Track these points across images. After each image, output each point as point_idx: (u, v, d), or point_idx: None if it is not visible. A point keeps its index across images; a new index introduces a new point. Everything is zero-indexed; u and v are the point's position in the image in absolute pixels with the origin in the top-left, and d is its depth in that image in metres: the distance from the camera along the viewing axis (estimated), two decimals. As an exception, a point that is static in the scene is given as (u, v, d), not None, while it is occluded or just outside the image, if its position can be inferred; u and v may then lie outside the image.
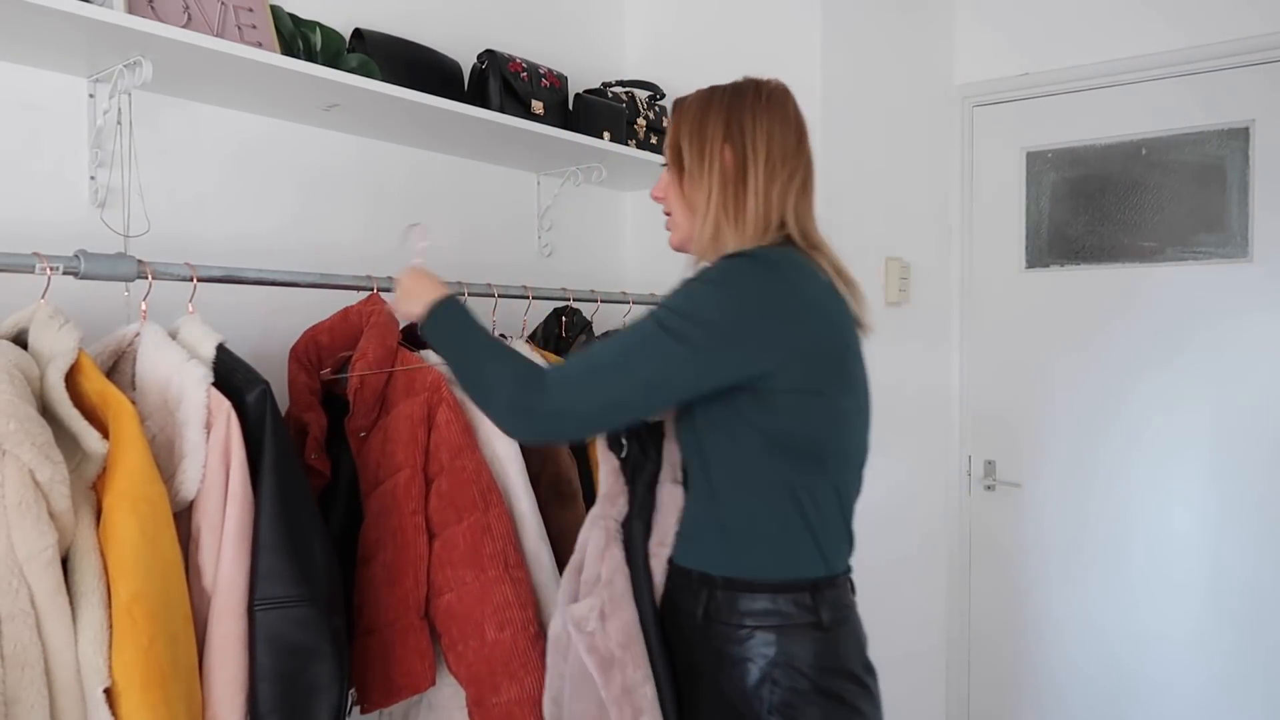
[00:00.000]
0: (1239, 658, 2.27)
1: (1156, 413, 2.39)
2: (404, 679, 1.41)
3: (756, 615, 1.17)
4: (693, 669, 1.23)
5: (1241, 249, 2.28)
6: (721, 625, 1.18)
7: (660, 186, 1.34)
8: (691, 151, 1.27)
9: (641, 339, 1.15)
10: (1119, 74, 2.42)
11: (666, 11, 2.48)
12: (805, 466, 1.18)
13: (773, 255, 1.19)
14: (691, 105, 1.30)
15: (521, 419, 1.18)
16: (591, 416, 1.18)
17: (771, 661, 1.15)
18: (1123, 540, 2.44)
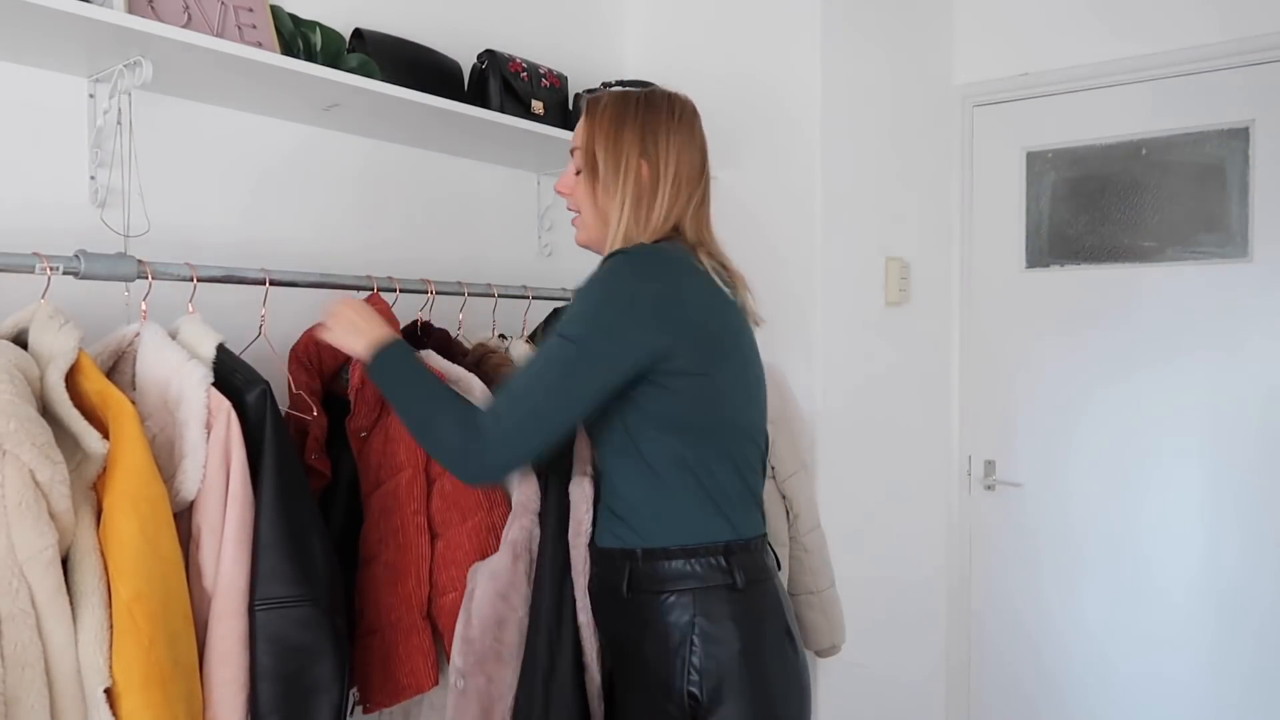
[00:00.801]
0: (1240, 654, 2.27)
1: (1156, 412, 2.39)
2: (407, 679, 1.42)
3: (674, 579, 1.26)
4: (621, 641, 1.33)
5: (1241, 249, 2.28)
6: (644, 595, 1.28)
7: (566, 184, 1.41)
8: (608, 161, 1.33)
9: (548, 358, 1.24)
10: (1119, 74, 2.42)
11: (666, 12, 2.48)
12: (697, 441, 1.28)
13: (648, 250, 1.30)
14: (607, 112, 1.35)
15: (472, 471, 1.26)
16: (532, 446, 1.25)
17: (689, 622, 1.24)
18: (1122, 540, 2.44)
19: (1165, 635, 2.37)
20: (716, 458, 1.29)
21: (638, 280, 1.26)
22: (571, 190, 1.41)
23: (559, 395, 1.22)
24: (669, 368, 1.25)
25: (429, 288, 1.67)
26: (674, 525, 1.28)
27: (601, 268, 1.30)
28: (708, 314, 1.30)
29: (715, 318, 1.31)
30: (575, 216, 1.42)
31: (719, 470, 1.29)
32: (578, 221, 1.42)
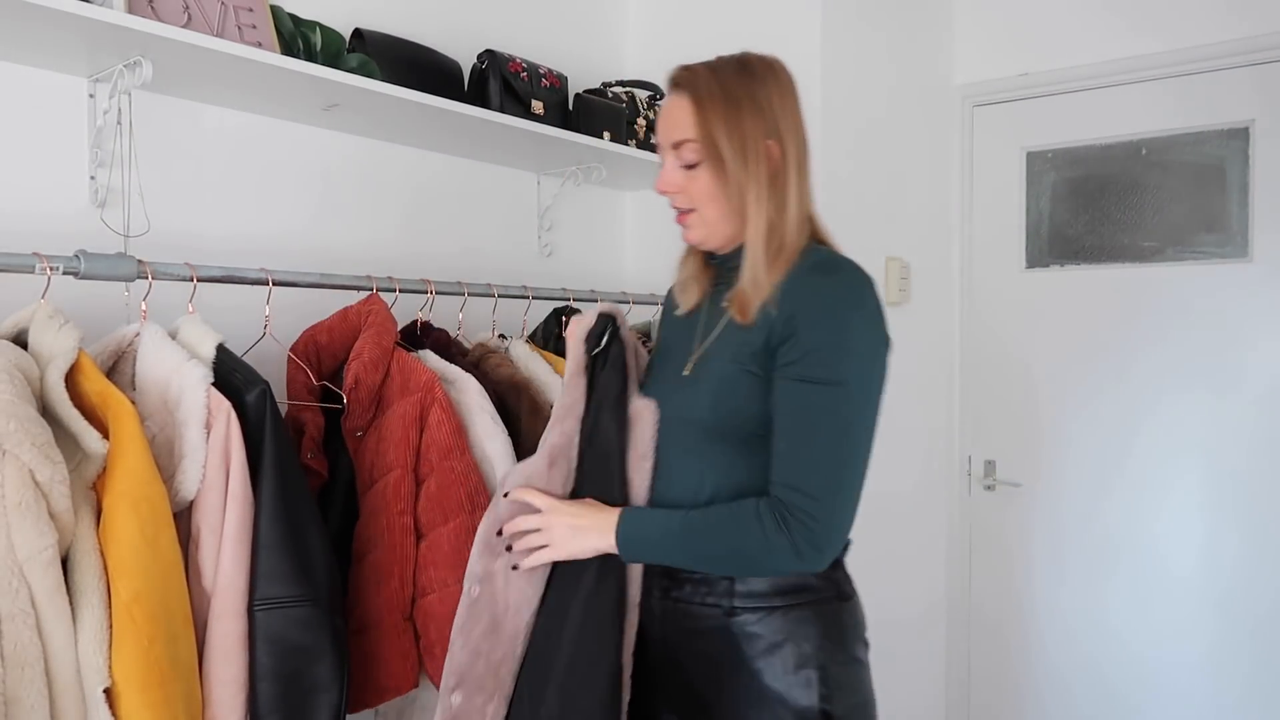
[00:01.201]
0: (1239, 657, 2.27)
1: (1156, 412, 2.39)
2: (388, 680, 1.41)
3: (786, 594, 1.17)
4: (707, 661, 1.20)
5: (1241, 249, 2.28)
6: (747, 611, 1.17)
7: (674, 181, 1.25)
8: (733, 147, 1.18)
9: (828, 415, 1.11)
10: (1119, 74, 2.42)
11: (666, 11, 2.48)
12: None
13: (855, 265, 1.19)
14: (714, 90, 1.20)
15: (811, 564, 1.13)
16: (853, 509, 1.15)
17: (807, 636, 1.16)
18: (1123, 539, 2.44)
19: (1165, 634, 2.37)
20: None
21: (871, 291, 1.16)
22: (682, 186, 1.24)
23: (855, 448, 1.13)
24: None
25: (429, 288, 1.67)
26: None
27: (837, 281, 1.16)
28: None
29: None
30: (686, 214, 1.26)
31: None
32: (690, 219, 1.26)
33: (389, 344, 1.50)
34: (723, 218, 1.23)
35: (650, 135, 2.28)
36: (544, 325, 1.96)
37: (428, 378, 1.47)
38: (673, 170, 1.25)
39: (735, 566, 1.17)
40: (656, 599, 1.24)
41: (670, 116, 1.24)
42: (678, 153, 1.23)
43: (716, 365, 1.21)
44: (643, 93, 2.33)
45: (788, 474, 1.13)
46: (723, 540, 1.14)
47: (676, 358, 1.29)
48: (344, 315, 1.54)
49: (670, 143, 1.24)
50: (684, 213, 1.26)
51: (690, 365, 1.25)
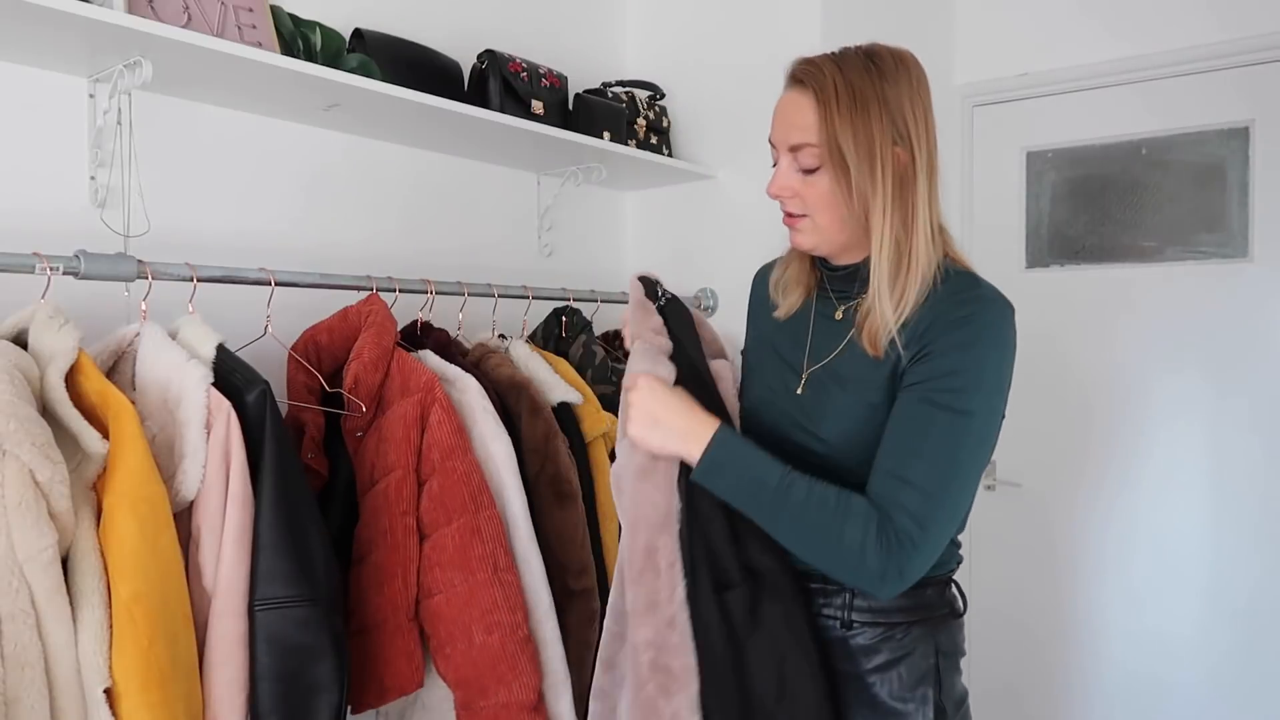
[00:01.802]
0: (1239, 657, 2.27)
1: (1156, 412, 2.39)
2: (392, 680, 1.42)
3: (906, 611, 1.14)
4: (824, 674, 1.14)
5: (1241, 249, 2.28)
6: (865, 626, 1.14)
7: (788, 185, 1.16)
8: (859, 153, 1.09)
9: (951, 441, 1.05)
10: (1119, 74, 2.42)
11: (666, 11, 2.48)
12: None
13: (998, 291, 1.13)
14: (843, 90, 1.10)
15: (892, 588, 1.05)
16: (945, 542, 1.08)
17: (925, 654, 1.13)
18: (1123, 539, 2.44)
19: (1165, 635, 2.37)
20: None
21: (1011, 324, 1.10)
22: (796, 191, 1.15)
23: (969, 481, 1.07)
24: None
25: (429, 288, 1.67)
26: (945, 554, 1.15)
27: (980, 310, 1.09)
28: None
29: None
30: (797, 219, 1.18)
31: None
32: (801, 224, 1.17)
33: (389, 344, 1.50)
34: (839, 226, 1.15)
35: (650, 135, 2.29)
36: (544, 325, 1.96)
37: (428, 378, 1.47)
38: (788, 174, 1.15)
39: (809, 551, 1.08)
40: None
41: (788, 116, 1.14)
42: (795, 156, 1.14)
43: (838, 394, 1.15)
44: (643, 93, 2.33)
45: (895, 491, 1.05)
46: (818, 524, 1.05)
47: (778, 366, 1.23)
48: (344, 315, 1.54)
49: (788, 145, 1.14)
50: (795, 216, 1.17)
51: (802, 384, 1.19)
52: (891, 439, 1.08)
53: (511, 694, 1.40)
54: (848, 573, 1.07)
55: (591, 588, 1.62)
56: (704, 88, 2.40)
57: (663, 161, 2.23)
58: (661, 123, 2.33)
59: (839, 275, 1.22)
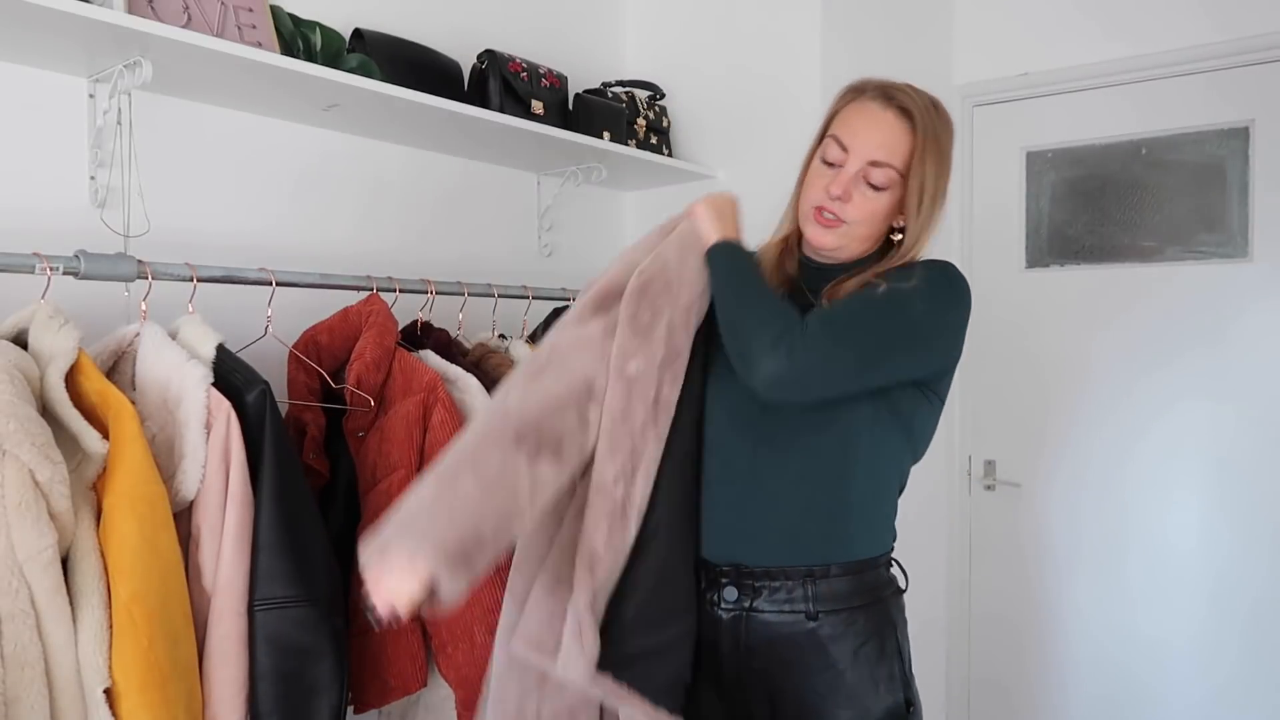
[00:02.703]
0: (1240, 658, 2.27)
1: (1156, 412, 2.39)
2: (395, 680, 1.42)
3: (863, 593, 1.21)
4: (789, 667, 1.19)
5: (1241, 249, 2.28)
6: (828, 614, 1.19)
7: (850, 190, 1.21)
8: (928, 197, 1.22)
9: (887, 300, 1.17)
10: (1119, 74, 2.42)
11: (666, 11, 2.48)
12: (914, 457, 1.29)
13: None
14: (934, 137, 1.22)
15: (778, 366, 1.13)
16: (842, 369, 1.16)
17: (886, 634, 1.21)
18: (1123, 540, 2.44)
19: (1165, 635, 2.37)
20: (907, 472, 1.31)
21: (968, 295, 1.24)
22: (853, 199, 1.22)
23: (886, 337, 1.17)
24: (940, 386, 1.26)
25: (429, 288, 1.67)
26: (881, 535, 1.26)
27: (942, 267, 1.23)
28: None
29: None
30: (836, 222, 1.23)
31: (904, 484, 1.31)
32: (839, 229, 1.23)
33: (391, 344, 1.50)
34: (866, 239, 1.25)
35: (650, 135, 2.29)
36: (544, 325, 1.96)
37: (430, 378, 1.47)
38: (854, 181, 1.21)
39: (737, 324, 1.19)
40: (724, 610, 1.21)
41: (882, 134, 1.21)
42: (869, 169, 1.21)
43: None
44: (643, 93, 2.33)
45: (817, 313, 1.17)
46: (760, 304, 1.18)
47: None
48: (344, 315, 1.54)
49: (870, 158, 1.21)
50: (835, 219, 1.22)
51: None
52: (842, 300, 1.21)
53: None
54: (749, 340, 1.16)
55: (591, 587, 1.62)
56: (704, 88, 2.40)
57: (663, 161, 2.23)
58: (661, 123, 2.33)
59: (824, 270, 1.28)
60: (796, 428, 1.21)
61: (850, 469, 1.21)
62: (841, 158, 1.22)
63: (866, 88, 1.25)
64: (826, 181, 1.23)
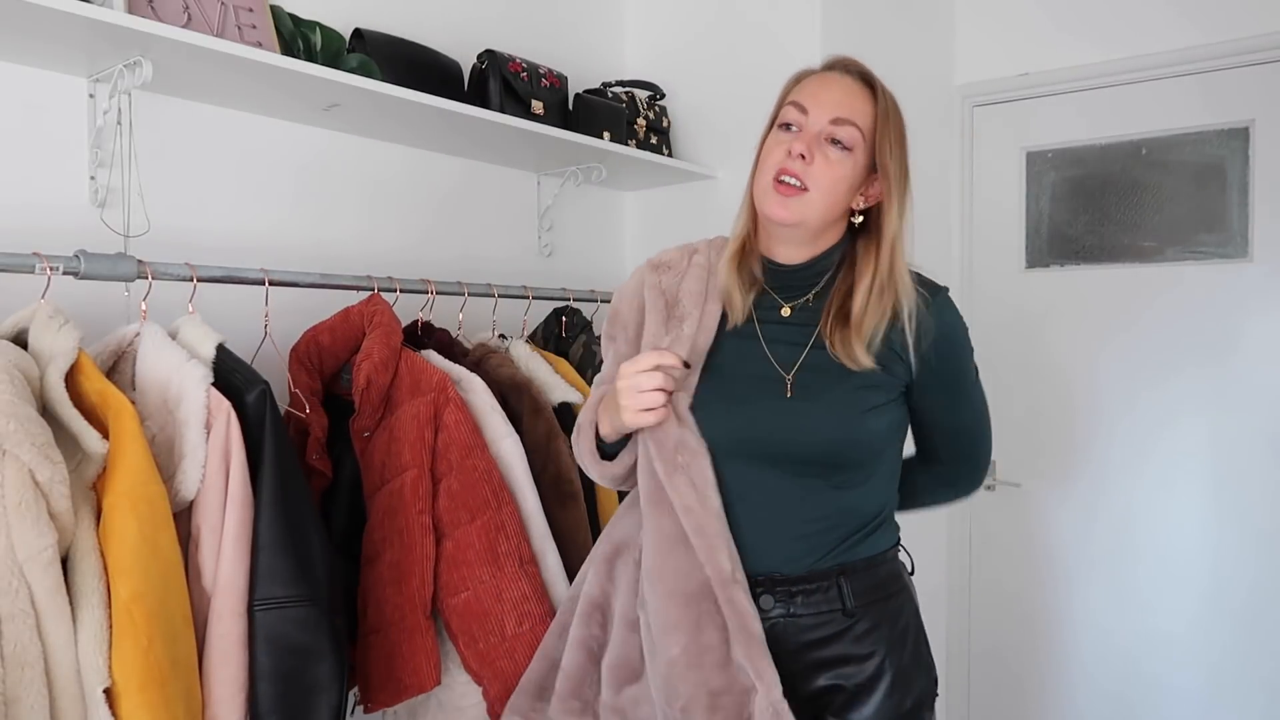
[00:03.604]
0: (1240, 658, 2.27)
1: (1156, 412, 2.39)
2: (410, 678, 1.42)
3: (890, 582, 1.26)
4: (829, 664, 1.20)
5: (1241, 249, 2.28)
6: (863, 608, 1.21)
7: (813, 149, 1.16)
8: (893, 163, 1.18)
9: (981, 399, 1.33)
10: (1119, 74, 2.42)
11: (666, 11, 2.48)
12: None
13: (941, 287, 1.27)
14: (894, 110, 1.20)
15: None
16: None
17: (911, 618, 1.26)
18: (1123, 540, 2.44)
19: (1166, 634, 2.37)
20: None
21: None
22: (814, 161, 1.16)
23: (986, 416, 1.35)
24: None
25: (429, 288, 1.67)
26: (895, 521, 1.32)
27: (954, 305, 1.25)
28: None
29: None
30: (796, 192, 1.16)
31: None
32: (800, 198, 1.16)
33: (397, 344, 1.51)
34: (827, 212, 1.18)
35: (650, 135, 2.28)
36: (544, 325, 1.96)
37: (440, 377, 1.47)
38: (815, 142, 1.16)
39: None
40: (762, 618, 1.17)
41: (842, 94, 1.18)
42: (831, 128, 1.16)
43: (829, 390, 1.19)
44: (643, 93, 2.33)
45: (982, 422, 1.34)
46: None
47: (741, 374, 1.21)
48: (345, 315, 1.54)
49: (832, 116, 1.16)
50: (794, 189, 1.16)
51: (789, 386, 1.19)
52: (952, 420, 1.31)
53: None
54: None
55: (592, 587, 1.62)
56: (704, 88, 2.40)
57: (663, 161, 2.23)
58: (661, 123, 2.33)
59: (789, 273, 1.24)
60: (816, 460, 1.20)
61: (870, 482, 1.23)
62: (801, 119, 1.18)
63: (820, 64, 1.25)
64: (787, 144, 1.17)
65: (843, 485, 1.20)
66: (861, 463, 1.20)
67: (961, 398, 1.29)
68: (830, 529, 1.20)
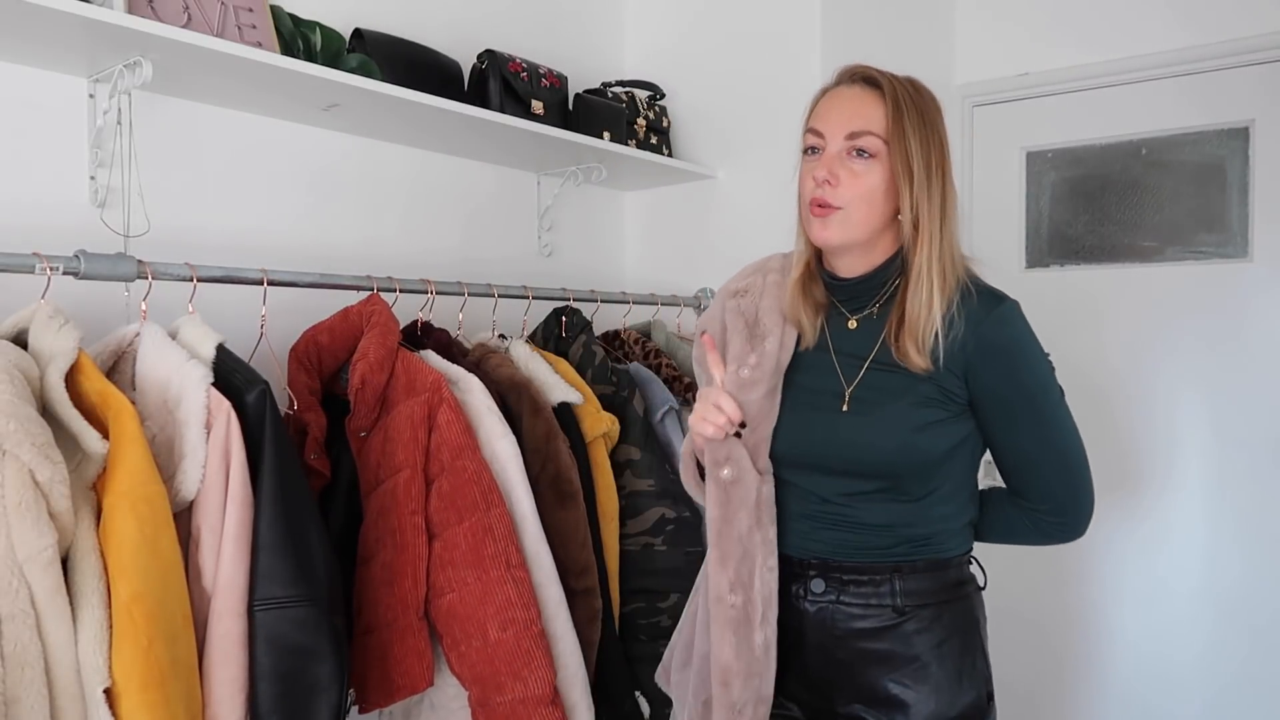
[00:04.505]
0: (1239, 659, 2.27)
1: (1156, 412, 2.39)
2: (402, 679, 1.41)
3: (949, 589, 1.25)
4: (876, 658, 1.21)
5: (1241, 249, 2.28)
6: (916, 609, 1.22)
7: (835, 171, 1.17)
8: (923, 157, 1.16)
9: (1064, 419, 1.31)
10: (1119, 74, 2.42)
11: (666, 11, 2.48)
12: (980, 452, 1.30)
13: (1008, 298, 1.24)
14: (910, 102, 1.17)
15: (1087, 525, 1.30)
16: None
17: (968, 630, 1.26)
18: (1123, 540, 2.44)
19: (1166, 636, 2.37)
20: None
21: (1028, 323, 1.28)
22: (842, 180, 1.17)
23: (1078, 438, 1.31)
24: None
25: (429, 288, 1.67)
26: (966, 531, 1.29)
27: (1020, 316, 1.22)
28: None
29: None
30: (829, 211, 1.18)
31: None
32: (835, 216, 1.18)
33: (394, 344, 1.50)
34: (868, 223, 1.18)
35: (650, 135, 2.28)
36: (544, 325, 1.96)
37: (434, 378, 1.47)
38: (838, 160, 1.18)
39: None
40: (810, 602, 1.23)
41: (853, 106, 1.18)
42: (852, 142, 1.17)
43: (885, 404, 1.20)
44: (643, 93, 2.33)
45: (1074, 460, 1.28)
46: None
47: (808, 390, 1.24)
48: (345, 315, 1.54)
49: (847, 131, 1.17)
50: (828, 208, 1.18)
51: (847, 401, 1.22)
52: (1028, 451, 1.26)
53: (528, 689, 1.40)
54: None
55: (593, 587, 1.62)
56: (704, 88, 2.40)
57: (663, 161, 2.23)
58: (661, 123, 2.33)
59: (851, 286, 1.25)
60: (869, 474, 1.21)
61: (935, 494, 1.22)
62: (820, 142, 1.20)
63: (834, 77, 1.25)
64: (812, 171, 1.20)
65: (902, 496, 1.20)
66: (919, 476, 1.20)
67: (1023, 423, 1.23)
68: (886, 532, 1.21)
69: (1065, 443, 1.25)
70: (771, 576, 1.20)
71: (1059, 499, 1.26)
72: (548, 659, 1.43)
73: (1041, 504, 1.26)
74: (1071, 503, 1.26)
